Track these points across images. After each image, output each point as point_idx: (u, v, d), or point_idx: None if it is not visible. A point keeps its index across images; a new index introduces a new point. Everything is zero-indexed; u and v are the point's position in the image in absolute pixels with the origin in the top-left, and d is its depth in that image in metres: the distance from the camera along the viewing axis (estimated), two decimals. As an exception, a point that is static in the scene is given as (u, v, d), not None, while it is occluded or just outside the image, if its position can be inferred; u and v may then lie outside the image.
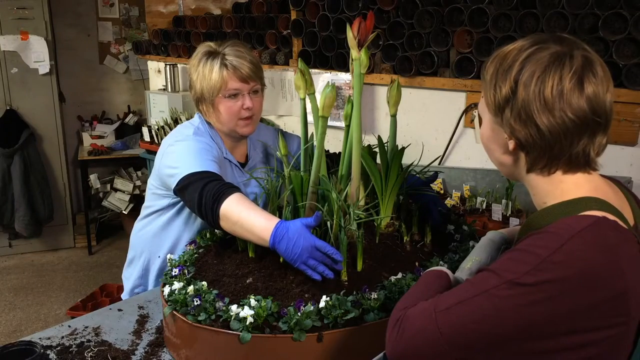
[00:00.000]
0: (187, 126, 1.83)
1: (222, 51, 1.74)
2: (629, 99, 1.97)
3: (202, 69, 1.73)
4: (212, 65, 1.72)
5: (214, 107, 1.75)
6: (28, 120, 4.46)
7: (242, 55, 1.74)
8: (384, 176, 1.56)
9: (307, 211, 1.50)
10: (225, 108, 1.74)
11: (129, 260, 1.97)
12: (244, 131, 1.78)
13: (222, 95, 1.72)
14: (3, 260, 4.57)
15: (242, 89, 1.73)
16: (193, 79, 1.76)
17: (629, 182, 2.01)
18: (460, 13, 2.35)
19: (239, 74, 1.72)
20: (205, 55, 1.74)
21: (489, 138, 1.05)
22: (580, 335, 0.87)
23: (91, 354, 1.40)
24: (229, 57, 1.72)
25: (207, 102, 1.75)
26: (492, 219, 2.07)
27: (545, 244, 0.86)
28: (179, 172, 1.61)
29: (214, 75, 1.71)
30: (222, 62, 1.71)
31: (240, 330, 1.20)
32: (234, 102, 1.73)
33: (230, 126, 1.77)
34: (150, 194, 1.87)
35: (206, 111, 1.79)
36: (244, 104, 1.74)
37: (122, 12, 5.21)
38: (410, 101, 2.58)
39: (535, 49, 0.95)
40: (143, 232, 1.91)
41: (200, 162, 1.62)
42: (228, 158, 1.82)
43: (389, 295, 1.26)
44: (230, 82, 1.71)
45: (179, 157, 1.67)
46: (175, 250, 1.83)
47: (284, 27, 3.11)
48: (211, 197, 1.48)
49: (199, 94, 1.75)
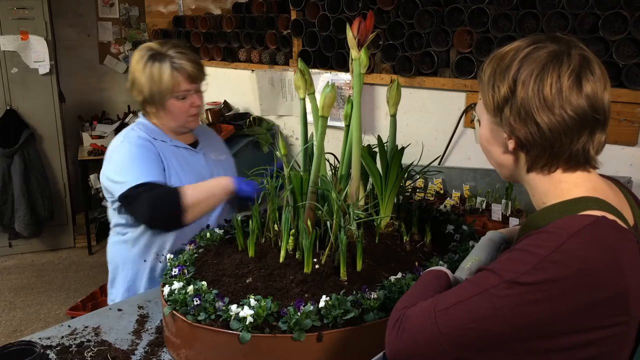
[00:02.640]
0: (125, 131, 1.86)
1: (166, 53, 1.76)
2: (629, 99, 1.97)
3: (150, 71, 1.74)
4: (161, 67, 1.74)
5: (164, 108, 1.79)
6: (28, 120, 4.46)
7: (188, 57, 1.77)
8: (384, 176, 1.57)
9: (307, 211, 1.50)
10: (176, 108, 1.79)
11: (111, 280, 1.94)
12: (192, 125, 1.87)
13: (173, 97, 1.77)
14: (3, 260, 4.57)
15: (191, 89, 1.80)
16: (141, 81, 1.76)
17: (629, 182, 2.01)
18: (460, 13, 2.35)
19: (189, 76, 1.77)
20: (150, 58, 1.75)
21: (488, 139, 1.05)
22: (580, 334, 0.87)
23: (91, 354, 1.40)
24: (177, 59, 1.75)
25: (156, 104, 1.79)
26: (491, 219, 2.07)
27: (545, 244, 0.87)
28: (124, 182, 1.69)
29: (165, 77, 1.74)
30: (172, 64, 1.74)
31: (240, 330, 1.20)
32: (184, 101, 1.79)
33: (181, 123, 1.83)
34: (108, 210, 1.90)
35: (154, 112, 1.82)
36: (193, 103, 1.81)
37: (122, 12, 5.21)
38: (410, 101, 2.58)
39: (532, 48, 0.95)
40: (118, 247, 1.90)
41: (142, 170, 1.71)
42: (175, 144, 1.87)
43: (389, 295, 1.26)
44: (182, 84, 1.76)
45: (121, 166, 1.74)
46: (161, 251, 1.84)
47: (284, 27, 3.11)
48: (165, 202, 1.66)
49: (147, 96, 1.77)
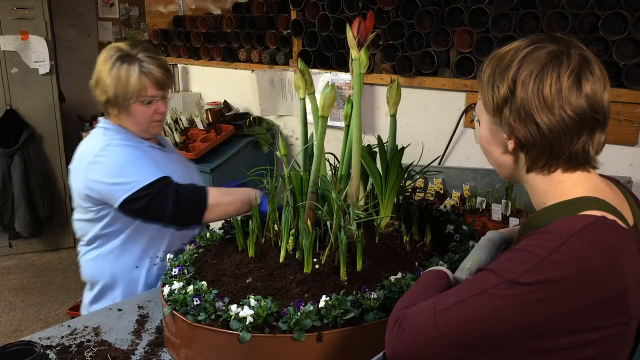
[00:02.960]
0: (101, 135, 1.76)
1: (136, 55, 1.71)
2: (629, 99, 1.97)
3: (117, 72, 1.69)
4: (130, 70, 1.69)
5: (127, 111, 1.73)
6: (28, 120, 4.45)
7: (158, 62, 1.73)
8: (384, 176, 1.57)
9: (307, 211, 1.50)
10: (140, 113, 1.74)
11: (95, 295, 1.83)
12: (154, 132, 1.83)
13: (138, 101, 1.71)
14: (3, 260, 4.57)
15: (157, 95, 1.74)
16: (106, 82, 1.70)
17: (629, 182, 2.00)
18: (460, 13, 2.35)
19: (157, 82, 1.72)
20: (119, 58, 1.70)
21: (487, 139, 1.05)
22: (580, 334, 0.87)
23: (91, 353, 1.40)
24: (146, 63, 1.70)
25: (119, 106, 1.73)
26: (491, 219, 2.07)
27: (545, 244, 0.86)
28: (132, 181, 1.63)
29: (132, 80, 1.68)
30: (141, 68, 1.69)
31: (240, 330, 1.20)
32: (149, 107, 1.74)
33: (143, 128, 1.78)
34: (80, 223, 1.80)
35: (116, 114, 1.76)
36: (158, 109, 1.76)
37: (122, 12, 5.21)
38: (410, 101, 2.58)
39: (532, 48, 0.95)
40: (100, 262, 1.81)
41: (149, 168, 1.67)
42: (149, 145, 1.82)
43: (389, 295, 1.26)
44: (149, 89, 1.71)
45: (119, 166, 1.66)
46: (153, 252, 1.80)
47: (284, 27, 3.11)
48: (191, 196, 1.69)
49: (111, 98, 1.71)
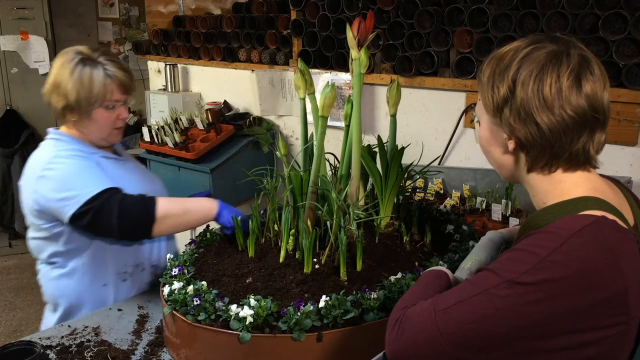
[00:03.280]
0: (51, 146, 1.69)
1: (97, 59, 1.65)
2: (629, 99, 1.97)
3: (80, 75, 1.62)
4: (93, 73, 1.63)
5: (89, 117, 1.66)
6: (28, 120, 4.46)
7: (120, 66, 1.69)
8: (384, 176, 1.57)
9: (307, 211, 1.50)
10: (102, 119, 1.68)
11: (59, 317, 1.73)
12: (115, 140, 1.77)
13: (102, 105, 1.66)
14: (3, 260, 4.57)
15: (121, 100, 1.70)
16: (67, 86, 1.62)
17: (629, 182, 2.00)
18: (460, 13, 2.35)
19: (122, 85, 1.68)
20: (80, 62, 1.63)
21: (487, 140, 1.05)
22: (580, 334, 0.87)
23: (91, 353, 1.40)
24: (110, 67, 1.66)
25: (81, 111, 1.65)
26: (491, 219, 2.07)
27: (545, 244, 0.86)
28: (76, 195, 1.54)
29: (96, 84, 1.63)
30: (105, 71, 1.64)
31: (240, 330, 1.20)
32: (112, 112, 1.69)
33: (103, 135, 1.72)
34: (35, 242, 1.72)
35: (75, 120, 1.67)
36: (120, 115, 1.71)
37: (122, 12, 5.21)
38: (410, 101, 2.58)
39: (531, 48, 0.95)
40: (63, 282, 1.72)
41: (95, 179, 1.58)
42: (104, 155, 1.74)
43: (389, 295, 1.26)
44: (114, 92, 1.67)
45: (66, 180, 1.58)
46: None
47: (284, 27, 3.11)
48: (137, 208, 1.57)
49: (72, 102, 1.63)
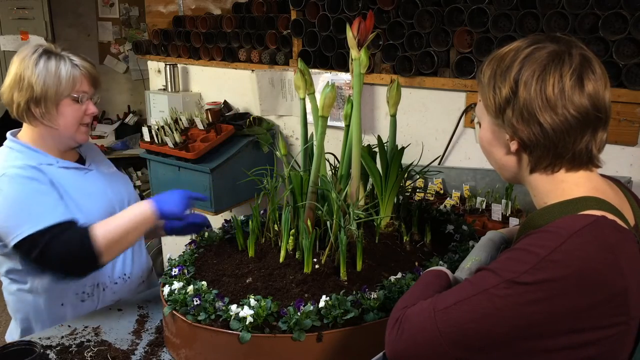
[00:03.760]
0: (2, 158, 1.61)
1: (61, 53, 1.63)
2: (629, 99, 1.97)
3: (45, 65, 1.58)
4: (59, 63, 1.60)
5: (56, 110, 1.60)
6: (28, 120, 4.46)
7: (87, 60, 1.67)
8: (384, 176, 1.57)
9: (307, 211, 1.50)
10: (71, 111, 1.62)
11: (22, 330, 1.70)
12: (82, 138, 1.69)
13: (70, 96, 1.61)
14: (3, 260, 4.56)
15: (89, 93, 1.66)
16: (31, 78, 1.56)
17: (629, 182, 2.00)
18: (460, 13, 2.35)
19: (90, 76, 1.66)
20: (44, 53, 1.60)
21: (489, 141, 1.04)
22: (580, 334, 0.87)
23: (91, 353, 1.40)
24: (75, 59, 1.63)
25: (47, 103, 1.58)
26: (491, 219, 2.07)
27: (544, 243, 0.86)
28: (19, 231, 1.48)
29: (64, 73, 1.59)
30: (71, 62, 1.61)
31: (240, 330, 1.20)
32: (80, 105, 1.64)
33: (69, 133, 1.65)
34: None
35: (41, 114, 1.60)
36: (88, 109, 1.66)
37: (122, 12, 5.21)
38: (410, 101, 2.58)
39: (532, 48, 0.95)
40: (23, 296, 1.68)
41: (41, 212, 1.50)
42: (63, 166, 1.67)
43: (389, 295, 1.26)
44: (83, 82, 1.63)
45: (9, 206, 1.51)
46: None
47: (284, 27, 3.11)
48: (77, 251, 1.47)
49: (38, 94, 1.57)
